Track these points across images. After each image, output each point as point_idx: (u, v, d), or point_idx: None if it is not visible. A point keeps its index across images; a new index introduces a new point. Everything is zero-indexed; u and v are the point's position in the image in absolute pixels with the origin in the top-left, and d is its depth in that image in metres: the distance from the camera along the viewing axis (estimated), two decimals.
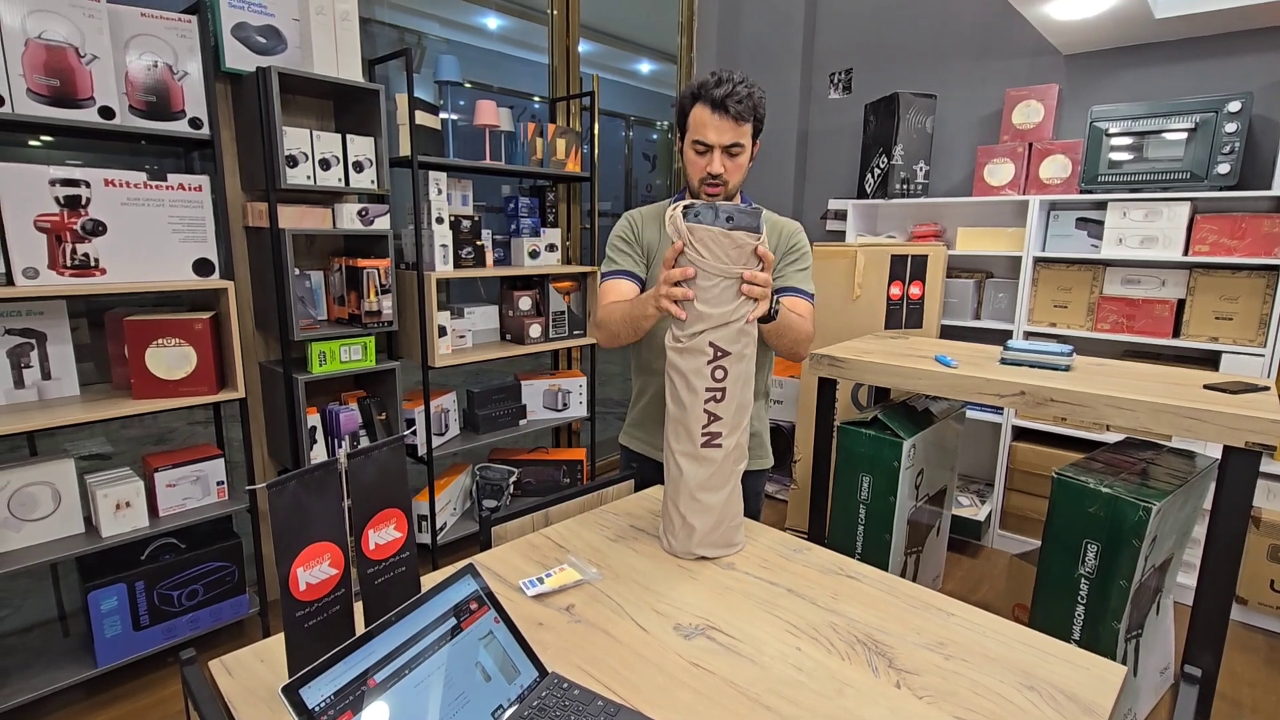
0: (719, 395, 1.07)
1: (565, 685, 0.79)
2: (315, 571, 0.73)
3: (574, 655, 0.87)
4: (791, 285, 1.42)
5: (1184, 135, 2.29)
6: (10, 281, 1.55)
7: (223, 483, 1.92)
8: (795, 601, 1.00)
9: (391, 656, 0.70)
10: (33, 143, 1.83)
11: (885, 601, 1.01)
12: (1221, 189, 2.26)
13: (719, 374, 1.06)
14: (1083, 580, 1.54)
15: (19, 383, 1.67)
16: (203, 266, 1.81)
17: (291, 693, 0.62)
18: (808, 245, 1.46)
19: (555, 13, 2.92)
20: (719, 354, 1.05)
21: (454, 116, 2.46)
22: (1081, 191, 2.52)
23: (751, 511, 1.44)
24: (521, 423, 2.69)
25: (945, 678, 0.84)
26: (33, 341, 1.68)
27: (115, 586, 1.76)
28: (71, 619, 1.97)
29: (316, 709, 0.63)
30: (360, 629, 0.79)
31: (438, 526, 2.44)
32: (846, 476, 2.00)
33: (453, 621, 0.77)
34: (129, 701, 1.81)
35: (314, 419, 2.11)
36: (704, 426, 1.08)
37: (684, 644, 0.90)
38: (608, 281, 1.41)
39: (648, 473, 1.50)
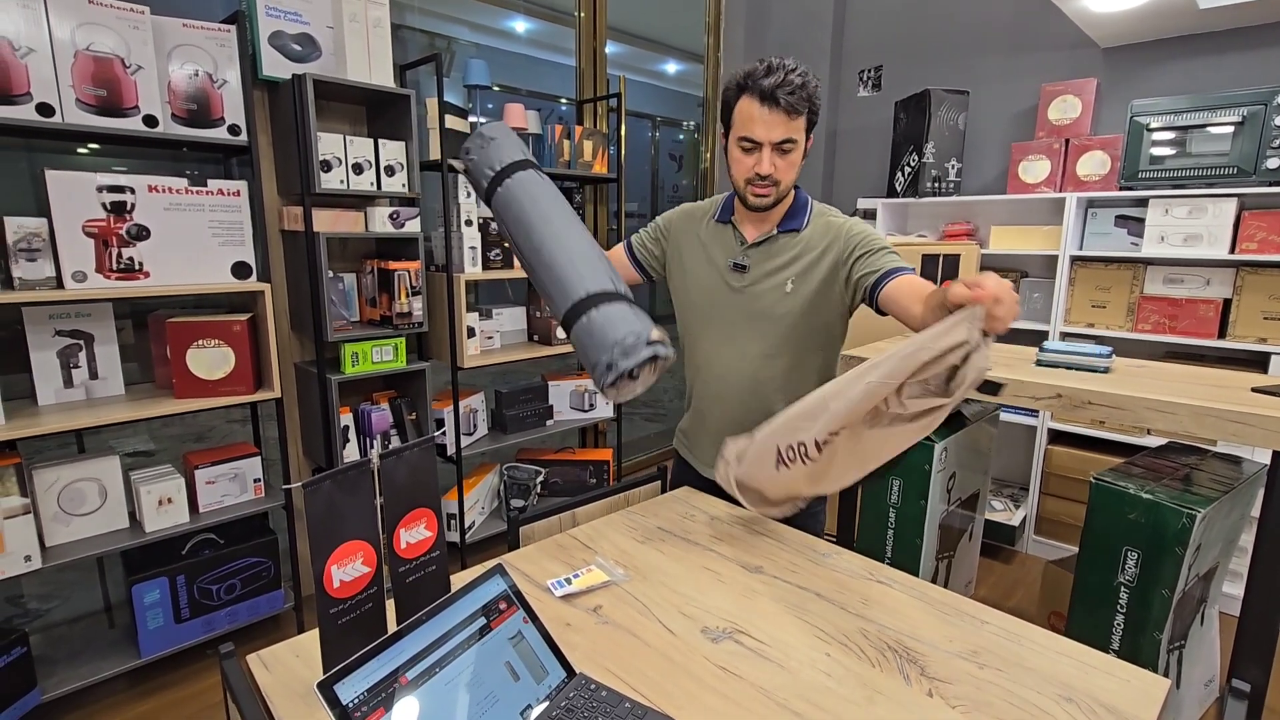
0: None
1: (593, 686, 0.79)
2: (349, 569, 0.75)
3: (601, 656, 0.87)
4: (894, 267, 1.19)
5: (1230, 129, 2.20)
6: (60, 285, 1.61)
7: (259, 480, 1.97)
8: (824, 606, 0.99)
9: (422, 655, 0.71)
10: (80, 150, 1.90)
11: (916, 607, 0.99)
12: (1271, 184, 2.17)
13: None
14: (1122, 589, 1.50)
15: (68, 382, 1.73)
16: (241, 269, 1.86)
17: (326, 689, 0.64)
18: (870, 228, 1.28)
19: (583, 15, 2.93)
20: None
21: (483, 120, 2.49)
22: (1121, 188, 2.45)
23: (814, 530, 1.37)
24: (549, 423, 2.70)
25: (979, 687, 0.82)
26: (81, 343, 1.74)
27: (157, 580, 1.82)
28: (116, 610, 2.04)
29: (350, 705, 0.64)
30: (392, 627, 0.80)
31: (466, 525, 2.46)
32: (876, 480, 1.97)
33: (482, 621, 0.77)
34: (170, 692, 1.86)
35: (347, 418, 2.15)
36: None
37: (711, 647, 0.89)
38: (617, 245, 1.47)
39: (686, 477, 1.48)
